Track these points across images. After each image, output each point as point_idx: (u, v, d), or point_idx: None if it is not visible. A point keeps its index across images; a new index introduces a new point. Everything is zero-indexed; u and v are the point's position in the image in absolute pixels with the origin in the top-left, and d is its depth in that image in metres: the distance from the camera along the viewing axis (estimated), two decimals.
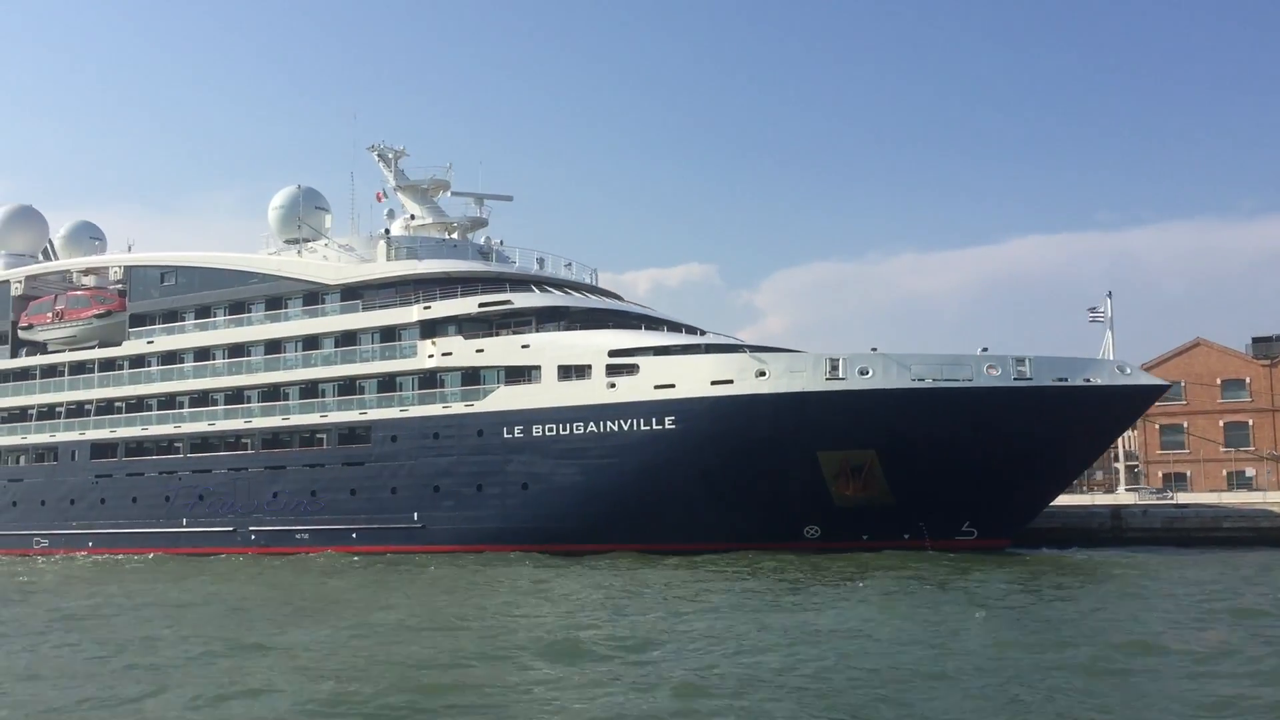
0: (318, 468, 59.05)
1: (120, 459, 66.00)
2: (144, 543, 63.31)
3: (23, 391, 70.96)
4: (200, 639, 27.69)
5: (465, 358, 55.46)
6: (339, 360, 59.64)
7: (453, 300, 56.22)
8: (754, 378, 48.45)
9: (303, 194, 64.09)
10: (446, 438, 55.05)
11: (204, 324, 64.83)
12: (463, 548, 53.53)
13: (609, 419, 50.93)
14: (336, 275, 60.13)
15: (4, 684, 22.86)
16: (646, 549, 49.48)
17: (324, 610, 34.34)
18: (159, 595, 40.01)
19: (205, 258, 65.78)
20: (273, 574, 48.51)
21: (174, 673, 23.40)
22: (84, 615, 34.31)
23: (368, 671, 22.92)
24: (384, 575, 45.48)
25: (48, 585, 46.77)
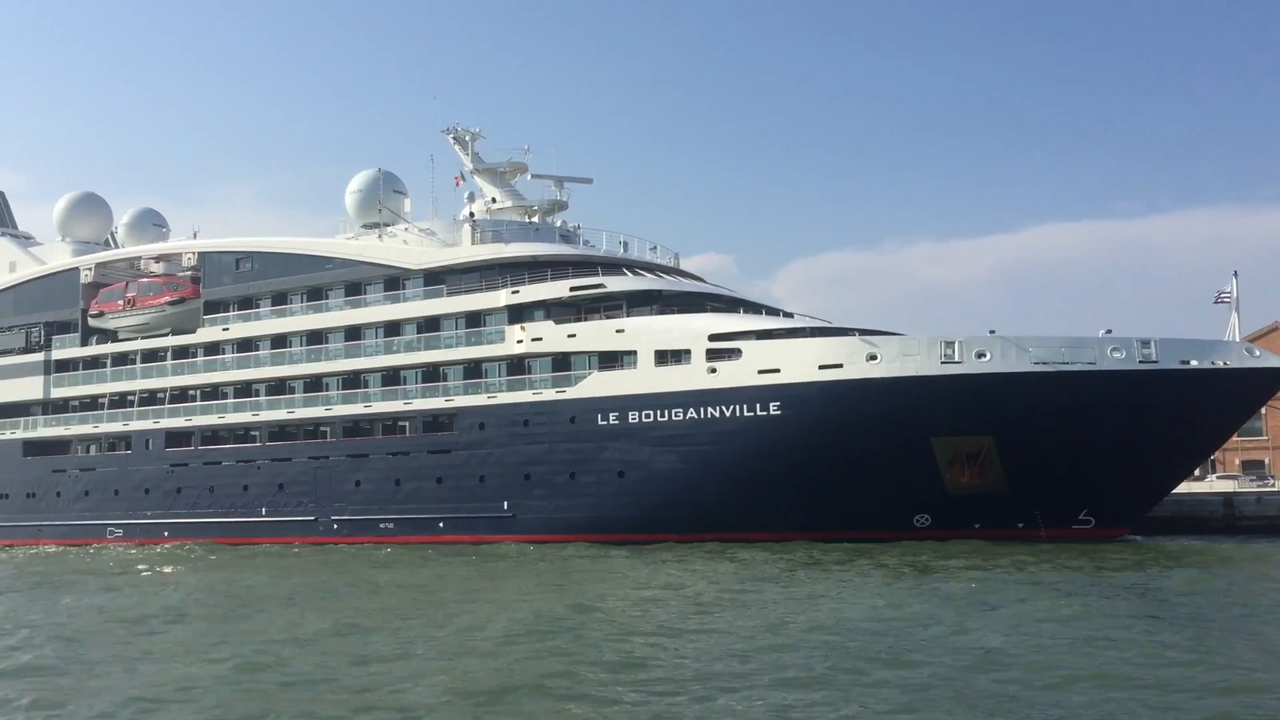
0: (402, 456, 57.90)
1: (196, 448, 65.10)
2: (222, 532, 62.37)
3: (94, 380, 70.18)
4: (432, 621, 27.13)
5: (556, 343, 54.16)
6: (422, 346, 58.47)
7: (542, 284, 54.92)
8: (864, 361, 46.93)
9: (382, 177, 62.88)
10: (537, 425, 53.78)
11: (281, 310, 63.80)
12: (555, 537, 52.28)
13: (710, 405, 49.54)
14: (419, 260, 58.93)
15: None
16: (748, 538, 48.06)
17: (507, 594, 33.38)
18: (322, 583, 39.11)
19: (281, 243, 64.73)
20: (395, 561, 47.60)
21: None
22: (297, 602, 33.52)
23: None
24: (515, 566, 44.29)
25: (182, 578, 45.60)
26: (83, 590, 39.67)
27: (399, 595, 35.36)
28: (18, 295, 74.17)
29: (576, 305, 55.25)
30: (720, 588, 33.95)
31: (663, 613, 29.05)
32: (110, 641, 27.19)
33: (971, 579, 34.15)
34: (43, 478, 70.28)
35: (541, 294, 54.87)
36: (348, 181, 64.09)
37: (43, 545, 67.53)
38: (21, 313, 73.67)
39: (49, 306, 72.63)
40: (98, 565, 52.04)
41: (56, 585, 42.01)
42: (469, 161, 63.21)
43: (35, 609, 34.45)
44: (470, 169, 63.19)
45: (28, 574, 48.34)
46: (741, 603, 30.54)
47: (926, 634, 24.90)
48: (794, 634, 24.92)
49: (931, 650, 22.83)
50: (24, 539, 69.46)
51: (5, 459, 71.93)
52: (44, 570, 49.53)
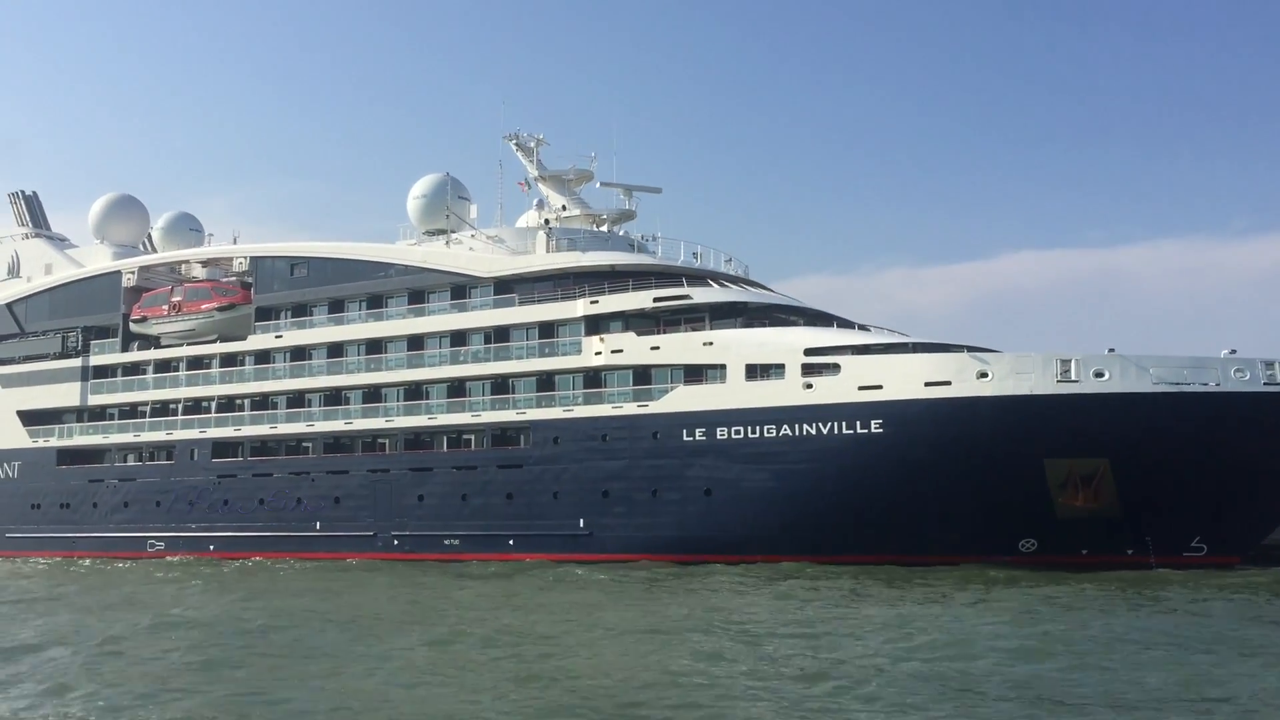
0: (468, 470, 55.84)
1: (246, 459, 62.86)
2: (272, 547, 60.12)
3: (135, 387, 67.90)
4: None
5: (637, 355, 52.33)
6: (491, 357, 56.54)
7: (623, 294, 53.09)
8: (975, 379, 45.26)
9: (448, 183, 61.02)
10: (616, 440, 51.88)
11: (338, 318, 61.77)
12: (635, 556, 50.35)
13: (805, 421, 47.76)
14: (490, 267, 57.03)
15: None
16: (843, 560, 46.26)
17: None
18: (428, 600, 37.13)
19: (339, 248, 62.74)
20: (471, 578, 45.56)
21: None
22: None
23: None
24: (618, 588, 42.48)
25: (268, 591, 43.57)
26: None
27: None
28: (54, 298, 71.93)
29: (655, 317, 53.47)
30: (898, 613, 32.13)
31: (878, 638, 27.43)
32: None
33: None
34: (79, 487, 67.84)
35: (622, 304, 53.04)
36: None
37: (77, 557, 65.13)
38: (58, 316, 71.39)
39: (88, 310, 70.38)
40: (237, 580, 49.39)
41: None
42: (533, 168, 61.53)
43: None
44: (535, 176, 61.50)
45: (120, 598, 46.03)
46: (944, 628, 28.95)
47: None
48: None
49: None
50: (57, 550, 67.00)
51: (38, 467, 69.49)
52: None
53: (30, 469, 69.80)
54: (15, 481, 70.34)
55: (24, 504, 69.63)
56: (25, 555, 67.62)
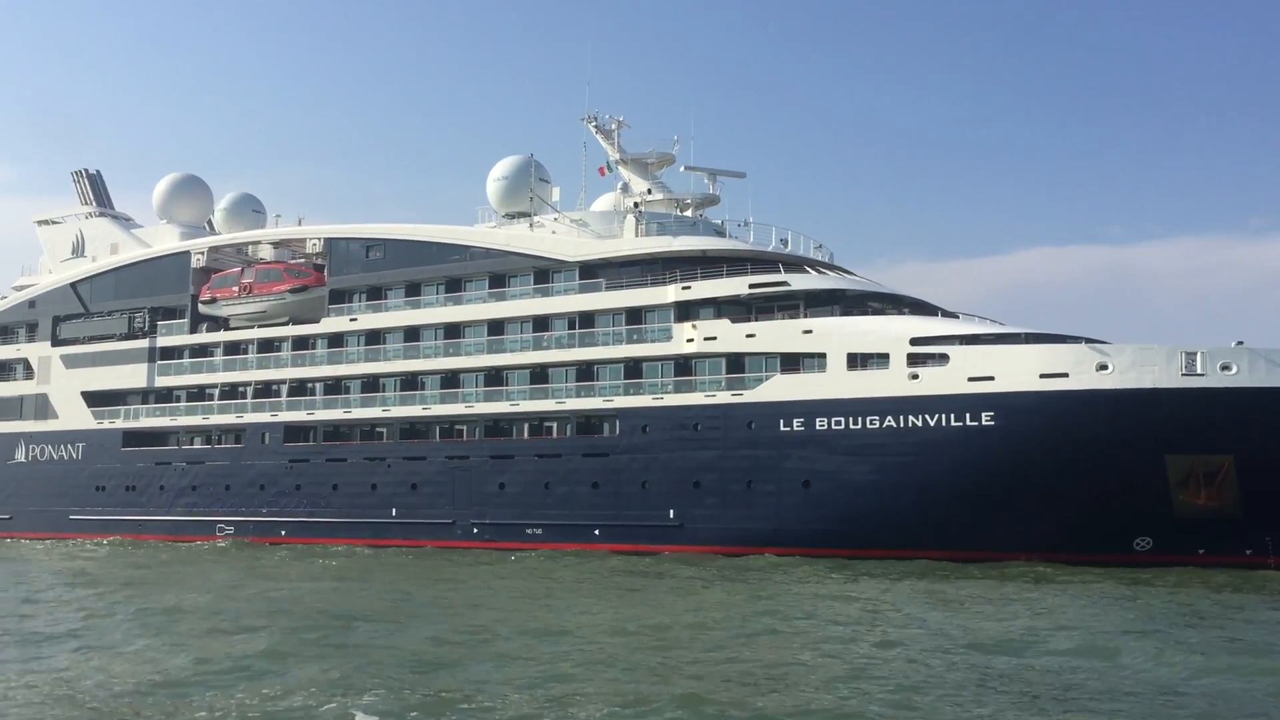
0: (552, 458, 54.67)
1: (319, 443, 61.84)
2: (345, 533, 59.11)
3: (203, 369, 66.99)
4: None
5: (731, 343, 51.02)
6: (576, 343, 55.33)
7: (717, 280, 51.79)
8: (1094, 371, 43.79)
9: (527, 165, 59.79)
10: (709, 429, 50.61)
11: (414, 301, 60.68)
12: (728, 549, 49.12)
13: (911, 413, 46.38)
14: (576, 251, 55.80)
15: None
16: (947, 556, 44.92)
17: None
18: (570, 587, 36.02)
19: (417, 230, 61.58)
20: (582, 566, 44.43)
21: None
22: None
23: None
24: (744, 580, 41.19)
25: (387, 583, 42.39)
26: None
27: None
28: (120, 278, 71.06)
29: (747, 304, 52.17)
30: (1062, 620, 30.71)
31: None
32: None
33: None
34: (145, 470, 67.00)
35: (716, 290, 51.73)
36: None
37: (143, 540, 64.28)
38: (123, 296, 70.53)
39: (155, 291, 69.48)
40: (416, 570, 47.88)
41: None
42: (613, 151, 60.21)
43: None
44: (616, 159, 60.18)
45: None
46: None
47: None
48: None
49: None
50: (122, 533, 66.15)
51: (103, 449, 68.69)
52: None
53: (95, 450, 69.01)
54: (79, 463, 69.55)
55: (88, 486, 68.85)
56: (89, 538, 66.83)
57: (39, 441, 71.53)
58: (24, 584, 42.88)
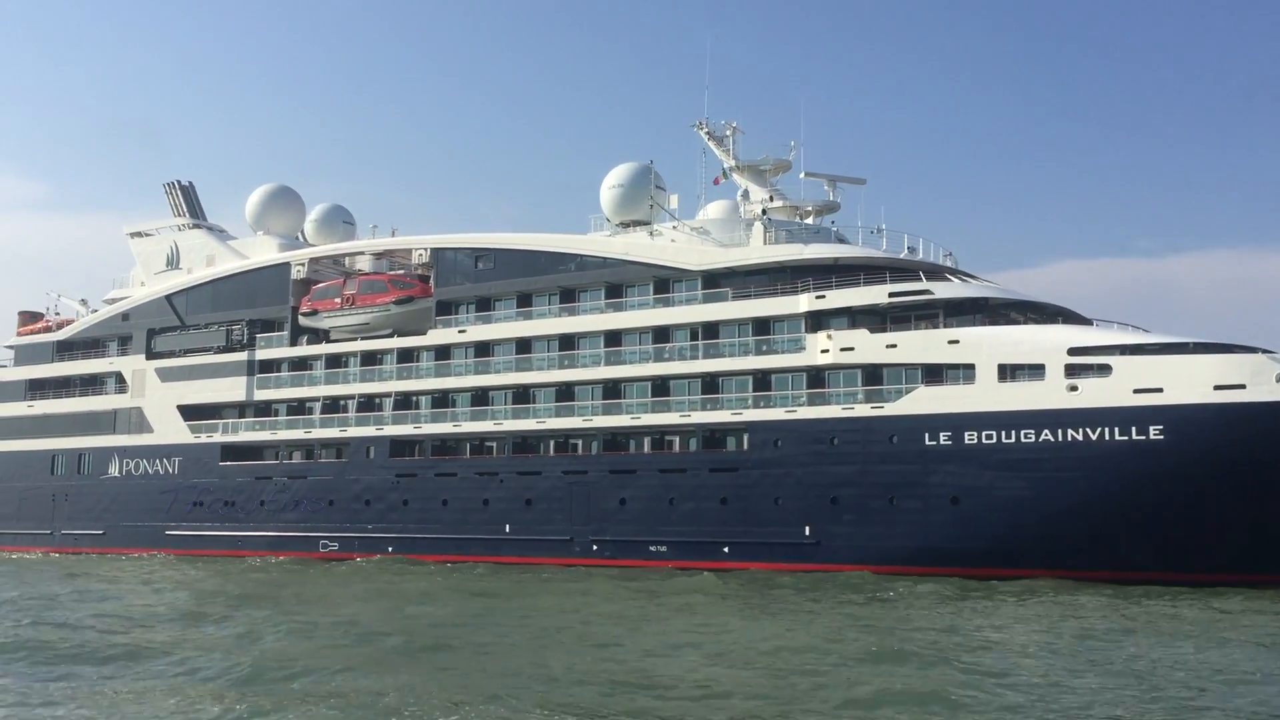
0: (676, 473, 52.94)
1: (427, 457, 60.41)
2: (456, 549, 57.57)
3: (305, 382, 65.80)
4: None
5: (870, 353, 49.19)
6: (700, 354, 53.66)
7: (854, 289, 50.02)
8: (1274, 382, 41.63)
9: (644, 172, 58.27)
10: (848, 443, 48.75)
11: (526, 312, 59.25)
12: (868, 567, 47.16)
13: (1070, 426, 44.34)
14: (700, 260, 54.19)
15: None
16: (1109, 577, 42.79)
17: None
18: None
19: (529, 239, 60.20)
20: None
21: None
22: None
23: None
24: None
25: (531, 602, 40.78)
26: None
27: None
28: (216, 290, 70.10)
29: (882, 314, 50.34)
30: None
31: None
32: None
33: None
34: (244, 485, 65.82)
35: (852, 299, 49.94)
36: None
37: (242, 556, 63.01)
38: (221, 309, 69.55)
39: (253, 303, 68.45)
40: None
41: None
42: (727, 158, 58.64)
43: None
44: (731, 166, 58.58)
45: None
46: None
47: None
48: None
49: None
50: (221, 549, 64.99)
51: (201, 464, 67.60)
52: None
53: (191, 465, 67.95)
54: (175, 478, 68.51)
55: (185, 501, 67.74)
56: (185, 554, 65.70)
57: (133, 456, 70.60)
58: (204, 609, 38.29)
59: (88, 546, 70.62)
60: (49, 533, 72.85)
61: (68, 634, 31.24)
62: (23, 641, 29.78)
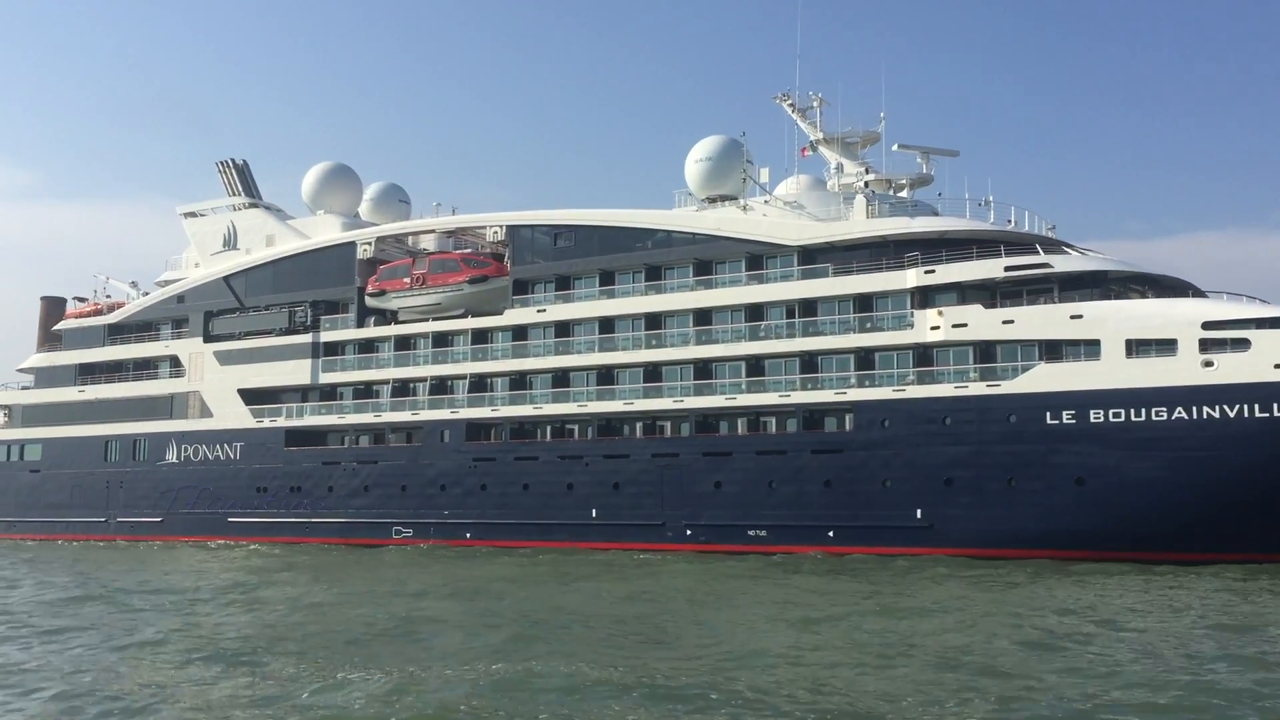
0: (775, 455, 51.19)
1: (505, 441, 58.64)
2: (538, 535, 55.89)
3: (372, 365, 63.99)
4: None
5: (985, 330, 47.43)
6: (799, 332, 51.91)
7: (966, 263, 48.24)
8: None
9: (734, 145, 56.45)
10: (962, 422, 47.02)
11: (609, 290, 57.44)
12: (985, 551, 45.54)
13: (1205, 404, 42.63)
14: (798, 235, 52.39)
15: None
16: (1247, 559, 41.16)
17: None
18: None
19: (612, 215, 58.31)
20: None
21: None
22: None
23: None
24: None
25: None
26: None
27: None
28: (277, 271, 68.23)
29: (993, 288, 48.59)
30: None
31: None
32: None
33: None
34: (311, 470, 64.02)
35: (965, 274, 48.17)
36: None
37: (309, 543, 61.26)
38: (282, 290, 67.70)
39: (316, 284, 66.60)
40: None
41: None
42: (813, 131, 56.88)
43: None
44: (818, 139, 56.81)
45: None
46: None
47: None
48: None
49: None
50: (286, 536, 63.27)
51: (264, 449, 65.82)
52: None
53: (254, 450, 66.16)
54: (237, 463, 66.72)
55: (248, 487, 65.98)
56: (250, 540, 64.01)
57: (192, 441, 68.80)
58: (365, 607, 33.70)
59: (145, 534, 68.92)
60: (104, 520, 71.09)
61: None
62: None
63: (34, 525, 73.80)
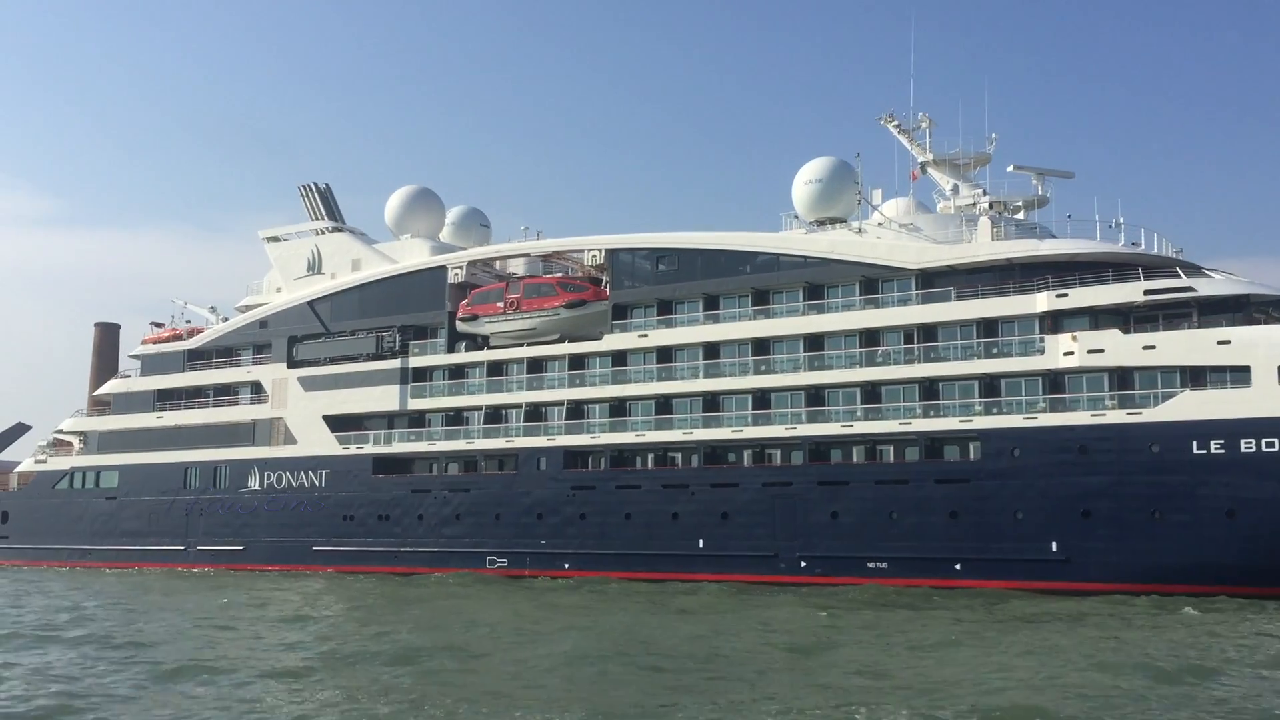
0: (896, 484, 49.49)
1: (605, 469, 57.13)
2: (642, 565, 54.22)
3: (464, 391, 62.73)
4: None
5: (1122, 355, 45.72)
6: (920, 357, 50.32)
7: (1101, 286, 46.61)
8: None
9: (845, 166, 55.10)
10: (1100, 452, 45.22)
11: (714, 315, 56.05)
12: (1127, 586, 43.63)
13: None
14: (918, 258, 50.90)
15: None
16: None
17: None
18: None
19: (717, 239, 56.99)
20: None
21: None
22: None
23: None
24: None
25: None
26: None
27: None
28: (364, 296, 67.22)
29: (1125, 313, 46.90)
30: None
31: None
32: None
33: None
34: (400, 498, 62.67)
35: (1100, 298, 46.51)
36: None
37: (398, 572, 59.80)
38: (369, 315, 66.65)
39: (405, 309, 65.49)
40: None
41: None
42: (921, 153, 55.58)
43: None
44: (927, 160, 55.44)
45: None
46: None
47: None
48: None
49: None
50: (374, 565, 61.87)
51: (351, 476, 64.55)
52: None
53: (340, 478, 64.89)
54: (322, 491, 65.47)
55: (333, 515, 64.67)
56: (335, 570, 62.66)
57: (275, 468, 67.63)
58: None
59: (225, 563, 67.67)
60: (183, 548, 69.94)
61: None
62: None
63: (109, 554, 72.74)
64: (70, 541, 74.93)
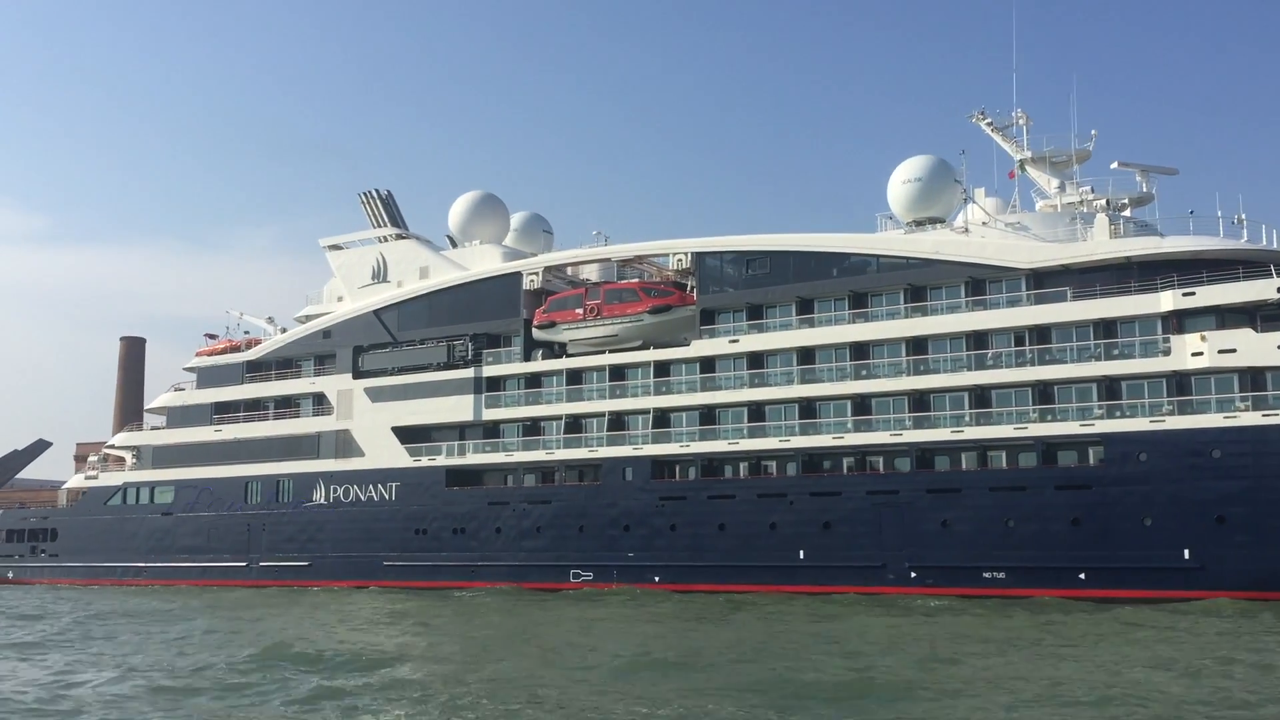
0: (1013, 491, 47.79)
1: (695, 479, 55.38)
2: (738, 578, 52.49)
3: (541, 400, 61.00)
4: None
5: (1256, 355, 44.14)
6: (1035, 360, 48.68)
7: (1231, 284, 45.03)
8: None
9: (943, 165, 53.56)
10: (1234, 455, 43.57)
11: (808, 319, 54.42)
12: (1266, 594, 41.90)
13: None
14: (1030, 257, 49.33)
15: None
16: None
17: None
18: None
19: (812, 240, 55.37)
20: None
21: None
22: None
23: None
24: None
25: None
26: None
27: None
28: (433, 304, 65.54)
29: (1251, 312, 45.31)
30: None
31: None
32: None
33: None
34: (476, 511, 60.86)
35: (1230, 296, 44.96)
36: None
37: (473, 587, 57.98)
38: (439, 323, 64.96)
39: (477, 316, 63.78)
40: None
41: None
42: (1016, 151, 54.21)
43: None
44: (1026, 158, 53.98)
45: None
46: None
47: None
48: None
49: None
50: (448, 580, 60.02)
51: (422, 489, 62.78)
52: None
53: (411, 490, 63.12)
54: (393, 504, 63.70)
55: (404, 529, 62.90)
56: (406, 585, 60.83)
57: (342, 481, 65.85)
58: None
59: (291, 579, 65.86)
60: (245, 565, 68.12)
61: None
62: None
63: (165, 570, 70.97)
64: (123, 559, 73.17)
